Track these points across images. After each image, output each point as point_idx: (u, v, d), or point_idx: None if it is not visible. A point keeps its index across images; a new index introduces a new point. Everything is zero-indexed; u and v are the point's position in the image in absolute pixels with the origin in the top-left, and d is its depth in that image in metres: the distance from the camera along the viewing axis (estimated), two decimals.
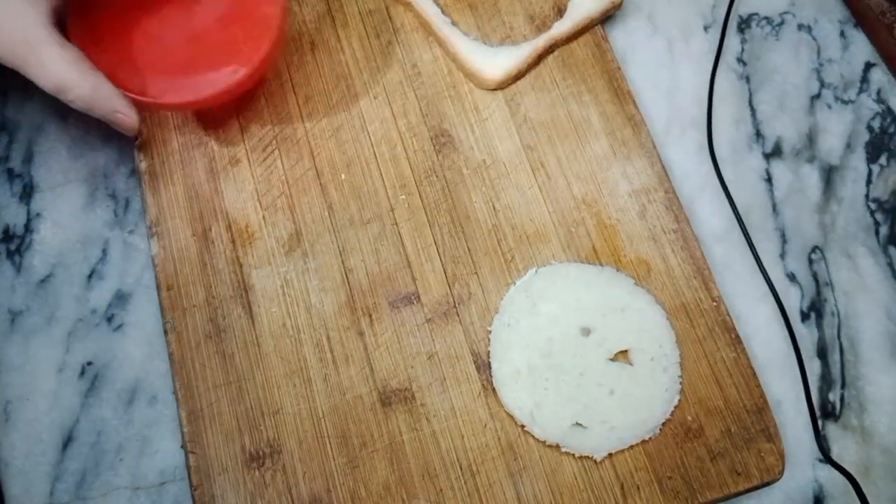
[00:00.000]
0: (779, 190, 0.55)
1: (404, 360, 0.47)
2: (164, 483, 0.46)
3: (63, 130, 0.54)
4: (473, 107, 0.53)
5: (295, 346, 0.47)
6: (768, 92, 0.58)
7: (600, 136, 0.53)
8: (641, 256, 0.50)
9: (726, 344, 0.47)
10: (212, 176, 0.51)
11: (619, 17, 0.59)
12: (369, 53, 0.55)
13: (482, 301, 0.48)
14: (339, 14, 0.56)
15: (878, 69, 0.58)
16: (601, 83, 0.54)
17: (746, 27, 0.60)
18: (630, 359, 0.47)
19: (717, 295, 0.49)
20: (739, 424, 0.46)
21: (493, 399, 0.46)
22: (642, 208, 0.51)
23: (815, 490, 0.48)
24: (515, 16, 0.56)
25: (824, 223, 0.54)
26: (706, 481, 0.45)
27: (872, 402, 0.50)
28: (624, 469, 0.45)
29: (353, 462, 0.44)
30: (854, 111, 0.57)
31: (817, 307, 0.52)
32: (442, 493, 0.44)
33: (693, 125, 0.56)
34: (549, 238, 0.50)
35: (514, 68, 0.53)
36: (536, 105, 0.53)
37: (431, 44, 0.55)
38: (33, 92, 0.54)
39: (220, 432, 0.45)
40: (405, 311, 0.48)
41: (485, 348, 0.47)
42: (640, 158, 0.52)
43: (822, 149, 0.56)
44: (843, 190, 0.55)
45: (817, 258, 0.53)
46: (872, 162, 0.56)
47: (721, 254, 0.53)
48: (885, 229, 0.54)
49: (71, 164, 0.53)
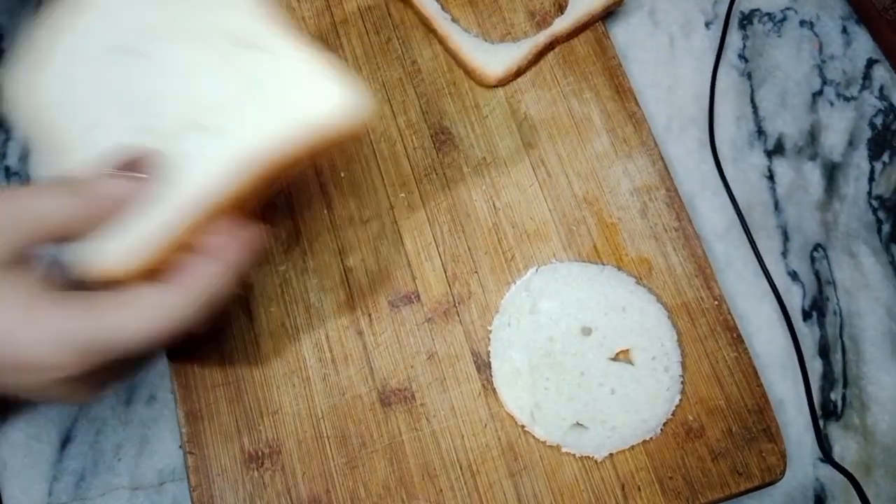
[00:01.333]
0: (780, 187, 0.55)
1: (404, 360, 0.46)
2: (163, 483, 0.46)
3: None
4: (474, 104, 0.53)
5: (294, 345, 0.46)
6: (770, 89, 0.57)
7: (601, 133, 0.52)
8: (643, 255, 0.49)
9: (728, 343, 0.47)
10: None
11: (621, 13, 0.58)
12: (369, 50, 0.54)
13: (482, 300, 0.48)
14: (338, 10, 0.55)
15: (881, 66, 0.58)
16: (602, 80, 0.54)
17: (748, 23, 0.59)
18: (631, 358, 0.47)
19: (718, 294, 0.48)
20: (741, 424, 0.46)
21: (493, 399, 0.46)
22: (643, 206, 0.50)
23: (817, 490, 0.48)
24: (516, 12, 0.55)
25: (826, 221, 0.54)
26: (707, 481, 0.44)
27: (874, 401, 0.50)
28: (625, 469, 0.45)
29: (352, 462, 0.44)
30: (856, 108, 0.57)
31: (819, 306, 0.52)
32: (442, 493, 0.44)
33: (694, 122, 0.56)
34: (549, 237, 0.50)
35: (514, 65, 0.53)
36: (537, 102, 0.53)
37: (431, 40, 0.55)
38: None
39: (218, 432, 0.45)
40: (405, 311, 0.48)
41: (485, 348, 0.47)
42: (642, 156, 0.51)
43: (824, 146, 0.56)
44: (845, 187, 0.55)
45: (819, 256, 0.53)
46: (875, 159, 0.56)
47: (722, 252, 0.53)
48: (888, 227, 0.54)
49: None
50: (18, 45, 0.36)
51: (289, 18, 0.37)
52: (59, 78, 0.36)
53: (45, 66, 0.36)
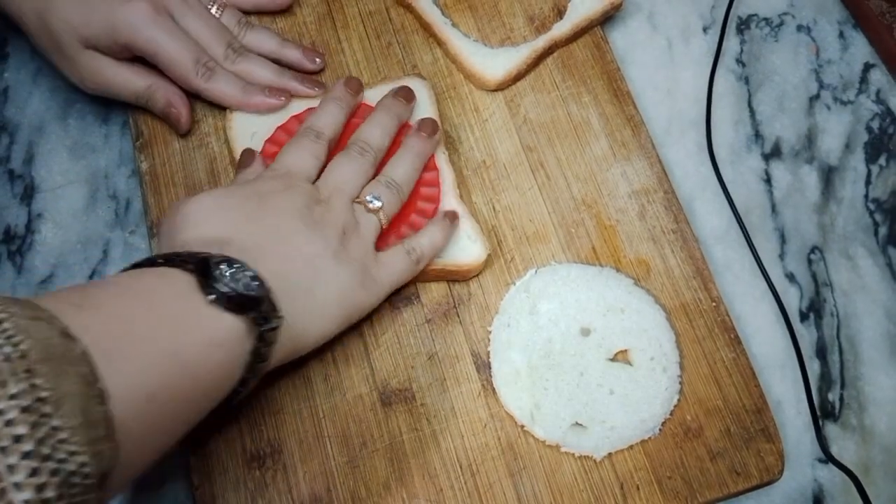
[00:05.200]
0: (778, 190, 0.55)
1: (404, 361, 0.47)
2: (165, 483, 0.46)
3: (64, 131, 0.54)
4: (473, 108, 0.53)
5: None
6: (767, 93, 0.58)
7: (600, 136, 0.53)
8: (641, 257, 0.50)
9: (725, 344, 0.48)
10: (213, 177, 0.51)
11: (619, 18, 0.59)
12: (370, 54, 0.55)
13: (482, 301, 0.48)
14: (339, 15, 0.56)
15: (878, 70, 0.59)
16: (601, 84, 0.54)
17: (746, 28, 0.60)
18: (630, 359, 0.47)
19: (716, 295, 0.49)
20: (739, 424, 0.46)
21: (492, 399, 0.46)
22: (642, 209, 0.51)
23: (815, 490, 0.48)
24: (515, 17, 0.56)
25: (823, 224, 0.54)
26: (706, 481, 0.45)
27: (872, 401, 0.50)
28: (624, 469, 0.45)
29: (353, 462, 0.45)
30: (853, 112, 0.57)
31: (816, 307, 0.52)
32: (442, 492, 0.44)
33: (692, 126, 0.56)
34: (548, 238, 0.50)
35: (513, 69, 0.53)
36: (536, 106, 0.53)
37: (432, 45, 0.55)
38: (34, 93, 0.55)
39: (220, 432, 0.45)
40: (405, 312, 0.48)
41: (485, 348, 0.47)
42: (640, 159, 0.52)
43: (821, 149, 0.56)
44: (842, 190, 0.55)
45: (816, 258, 0.53)
46: (872, 162, 0.56)
47: (720, 254, 0.53)
48: (885, 230, 0.54)
49: (72, 165, 0.54)
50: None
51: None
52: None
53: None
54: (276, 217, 0.42)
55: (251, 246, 0.40)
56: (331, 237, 0.43)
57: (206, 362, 0.35)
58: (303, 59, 0.53)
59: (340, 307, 0.43)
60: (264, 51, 0.52)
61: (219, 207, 0.41)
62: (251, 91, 0.50)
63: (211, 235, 0.40)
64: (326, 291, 0.42)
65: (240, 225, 0.41)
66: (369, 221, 0.45)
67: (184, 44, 0.48)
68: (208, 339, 0.35)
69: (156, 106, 0.50)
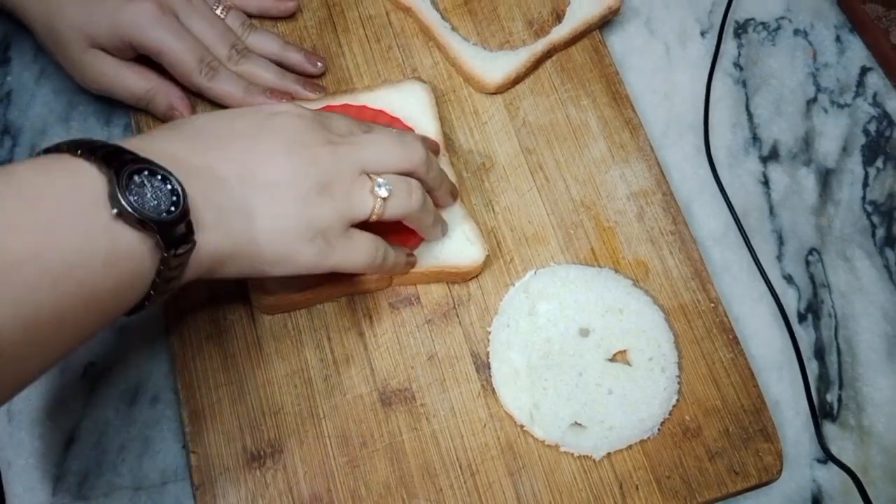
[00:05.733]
0: (776, 193, 0.55)
1: (404, 361, 0.47)
2: (166, 483, 0.46)
3: (66, 133, 0.54)
4: (473, 110, 0.54)
5: (296, 346, 0.47)
6: (765, 96, 0.58)
7: (598, 139, 0.53)
8: (640, 258, 0.50)
9: (724, 344, 0.48)
10: None
11: (617, 22, 0.59)
12: (370, 58, 0.55)
13: (481, 302, 0.49)
14: (339, 19, 0.56)
15: (874, 73, 0.59)
16: (599, 87, 0.55)
17: (743, 32, 0.60)
18: (628, 359, 0.47)
19: (714, 296, 0.49)
20: (737, 424, 0.46)
21: (492, 399, 0.46)
22: (640, 210, 0.51)
23: (814, 490, 0.48)
24: (514, 21, 0.56)
25: (821, 225, 0.55)
26: (704, 481, 0.45)
27: (870, 402, 0.50)
28: (623, 468, 0.45)
29: (353, 461, 0.45)
30: (850, 115, 0.58)
31: (814, 309, 0.52)
32: (442, 492, 0.44)
33: (690, 129, 0.57)
34: (547, 240, 0.50)
35: (513, 73, 0.54)
36: (535, 109, 0.54)
37: (431, 48, 0.56)
38: (37, 95, 0.55)
39: (221, 432, 0.45)
40: (405, 312, 0.48)
41: (484, 349, 0.47)
42: (638, 161, 0.52)
43: (818, 152, 0.57)
44: (839, 193, 0.55)
45: (814, 260, 0.54)
46: (869, 165, 0.56)
47: (719, 255, 0.53)
48: (882, 231, 0.54)
49: None
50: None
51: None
52: None
53: None
54: (257, 130, 0.39)
55: (201, 149, 0.37)
56: (311, 175, 0.38)
57: (104, 280, 0.32)
58: (305, 62, 0.53)
59: (283, 246, 0.39)
60: (267, 53, 0.53)
61: (217, 116, 0.41)
62: (253, 92, 0.50)
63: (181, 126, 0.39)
64: (272, 227, 0.38)
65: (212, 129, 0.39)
66: (363, 201, 0.40)
67: (188, 43, 0.49)
68: (103, 257, 0.31)
69: (157, 109, 0.51)
